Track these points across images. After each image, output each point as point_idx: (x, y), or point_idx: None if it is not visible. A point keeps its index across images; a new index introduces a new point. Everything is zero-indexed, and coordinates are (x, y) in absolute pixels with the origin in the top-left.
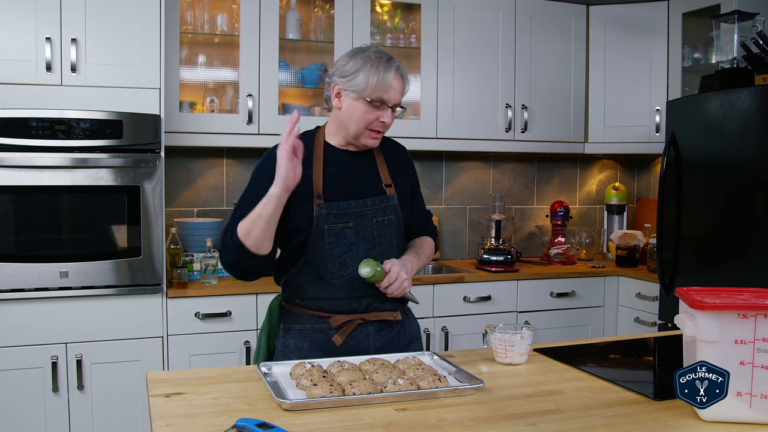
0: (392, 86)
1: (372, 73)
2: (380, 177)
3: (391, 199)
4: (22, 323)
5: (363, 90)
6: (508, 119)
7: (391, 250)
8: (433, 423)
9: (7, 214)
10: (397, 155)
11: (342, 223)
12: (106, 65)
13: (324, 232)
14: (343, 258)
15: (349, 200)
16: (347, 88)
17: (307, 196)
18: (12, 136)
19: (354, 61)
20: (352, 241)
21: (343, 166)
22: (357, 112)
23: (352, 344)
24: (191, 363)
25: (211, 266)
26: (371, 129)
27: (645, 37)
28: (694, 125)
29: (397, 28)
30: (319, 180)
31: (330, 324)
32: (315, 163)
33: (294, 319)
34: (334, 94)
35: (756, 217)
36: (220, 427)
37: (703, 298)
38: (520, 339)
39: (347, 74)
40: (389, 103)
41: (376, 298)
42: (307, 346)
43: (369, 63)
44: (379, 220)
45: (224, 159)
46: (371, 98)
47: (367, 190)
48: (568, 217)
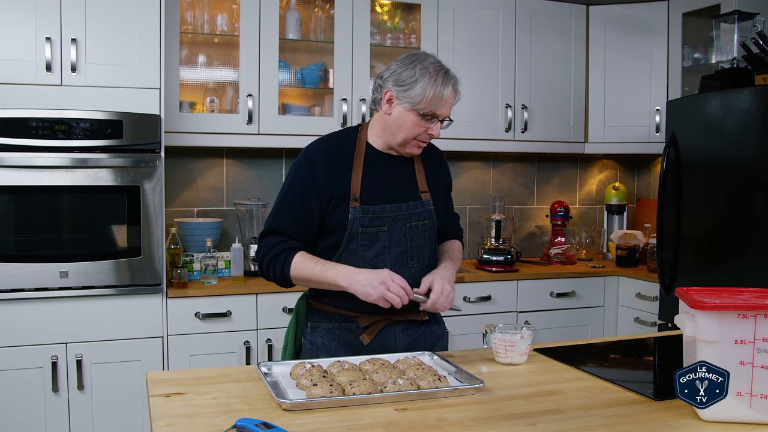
0: (447, 101)
1: (430, 86)
2: (417, 182)
3: (426, 204)
4: (22, 323)
5: (418, 103)
6: (508, 119)
7: (423, 254)
8: (433, 423)
9: (7, 214)
10: (434, 159)
11: (376, 226)
12: (106, 65)
13: (357, 234)
14: (375, 261)
15: (384, 204)
16: (401, 97)
17: (344, 198)
18: (12, 136)
19: (412, 71)
20: (385, 245)
21: (382, 169)
22: (407, 122)
23: (379, 343)
24: (191, 363)
25: (211, 266)
26: (418, 139)
27: (645, 37)
28: (694, 125)
29: (397, 28)
30: (357, 182)
31: (358, 323)
32: (355, 164)
33: (322, 318)
34: (386, 99)
35: (756, 217)
36: (220, 427)
37: (703, 298)
38: (520, 339)
39: (403, 83)
40: (441, 117)
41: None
42: (335, 344)
43: (427, 76)
44: (413, 225)
45: (224, 159)
46: (424, 111)
47: (403, 194)
48: (568, 217)
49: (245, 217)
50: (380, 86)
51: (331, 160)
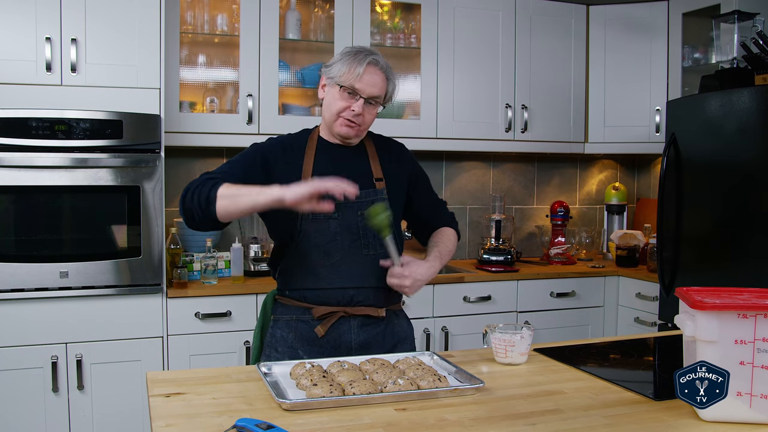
0: (364, 76)
1: (346, 62)
2: (372, 171)
3: (380, 193)
4: (22, 323)
5: (338, 78)
6: (508, 119)
7: (377, 242)
8: (433, 423)
9: (7, 214)
10: (390, 151)
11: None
12: (106, 65)
13: (309, 220)
14: (327, 248)
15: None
16: (327, 76)
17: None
18: (12, 136)
19: (338, 55)
20: (336, 231)
21: (333, 158)
22: (330, 98)
23: (333, 337)
24: (191, 363)
25: (211, 266)
26: (343, 117)
27: (645, 37)
28: (694, 125)
29: (397, 28)
30: (308, 171)
31: (313, 314)
32: (307, 155)
33: (282, 310)
34: (320, 86)
35: (756, 217)
36: (220, 427)
37: (703, 298)
38: (520, 339)
39: (329, 65)
40: (361, 93)
41: (359, 290)
42: (292, 336)
43: (348, 55)
44: (365, 213)
45: (224, 159)
46: (343, 84)
47: (355, 182)
48: (568, 217)
49: (245, 217)
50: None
51: (287, 152)
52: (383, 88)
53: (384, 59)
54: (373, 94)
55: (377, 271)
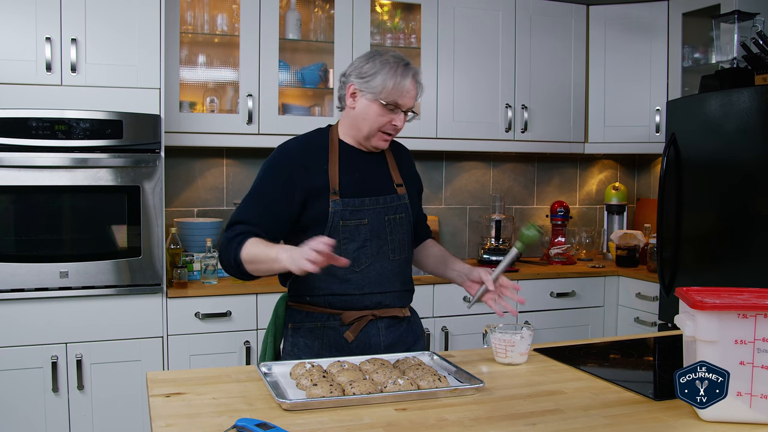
0: (408, 91)
1: (390, 76)
2: (392, 176)
3: (402, 198)
4: (22, 323)
5: (379, 93)
6: (508, 119)
7: (403, 247)
8: (433, 423)
9: (7, 214)
10: (404, 157)
11: (357, 219)
12: (106, 65)
13: (338, 228)
14: (357, 254)
15: (363, 197)
16: (363, 89)
17: (323, 192)
18: (12, 136)
19: (372, 64)
20: (366, 238)
21: (357, 164)
22: (371, 113)
23: (363, 340)
24: (191, 363)
25: (211, 266)
26: (383, 131)
27: (645, 37)
28: (694, 125)
29: (397, 28)
30: (335, 176)
31: (342, 320)
32: (331, 159)
33: (303, 318)
34: (349, 93)
35: (756, 217)
36: (220, 427)
37: (703, 298)
38: (520, 339)
39: (365, 75)
40: (403, 107)
41: (385, 295)
42: (318, 344)
43: (387, 66)
44: (390, 218)
45: (224, 159)
46: (386, 101)
47: (379, 188)
48: (568, 217)
49: None
50: (344, 83)
51: (306, 156)
52: (417, 97)
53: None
54: (412, 106)
55: (401, 274)
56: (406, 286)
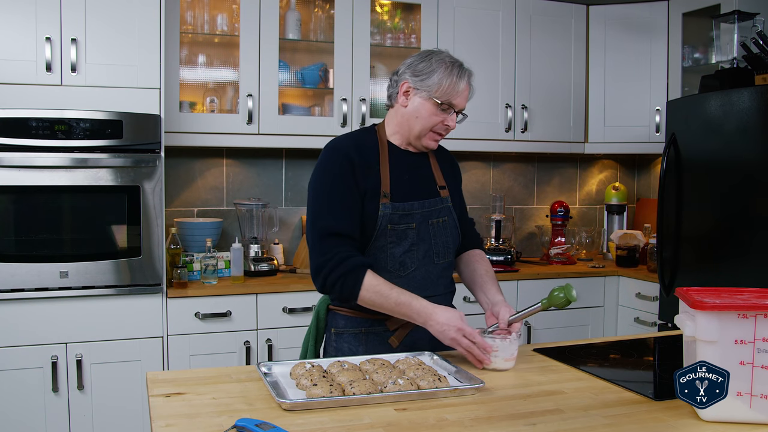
0: (462, 91)
1: (446, 76)
2: (435, 179)
3: (446, 201)
4: (22, 323)
5: (434, 91)
6: (508, 119)
7: (447, 251)
8: (433, 423)
9: (7, 214)
10: (447, 159)
11: (405, 224)
12: (106, 65)
13: (387, 231)
14: (403, 258)
15: (412, 201)
16: (419, 87)
17: (375, 194)
18: (12, 136)
19: (428, 62)
20: (413, 242)
21: (404, 165)
22: (424, 112)
23: (407, 345)
24: (191, 363)
25: (211, 266)
26: (434, 131)
27: (645, 37)
28: (694, 125)
29: (397, 28)
30: (386, 179)
31: (388, 326)
32: (382, 160)
33: (347, 323)
34: (402, 91)
35: (756, 217)
36: (220, 427)
37: (703, 298)
38: (504, 344)
39: (420, 73)
40: (456, 107)
41: (430, 299)
42: (362, 349)
43: (444, 65)
44: (434, 222)
45: (224, 159)
46: (441, 100)
47: (425, 191)
48: (568, 217)
49: (245, 217)
50: (396, 81)
51: (361, 153)
52: (468, 98)
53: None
54: (464, 107)
55: (445, 278)
56: (449, 288)
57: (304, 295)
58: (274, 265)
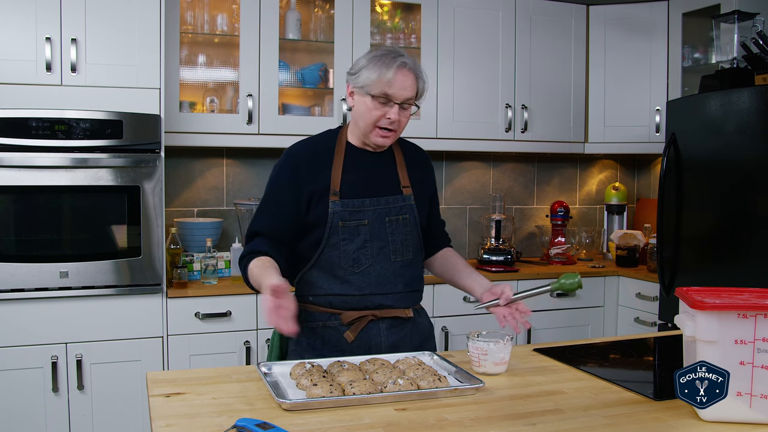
0: (395, 81)
1: (374, 68)
2: (399, 177)
3: (407, 199)
4: (22, 323)
5: (367, 86)
6: (508, 119)
7: (406, 249)
8: (433, 423)
9: (7, 214)
10: (416, 157)
11: (356, 220)
12: (106, 65)
13: (338, 228)
14: (356, 255)
15: (364, 198)
16: (355, 84)
17: (324, 193)
18: (12, 136)
19: (363, 60)
20: (366, 239)
21: (362, 164)
22: (363, 108)
23: (363, 341)
24: (191, 363)
25: (211, 266)
26: (379, 126)
27: (645, 37)
28: (694, 125)
29: (397, 28)
30: (337, 178)
31: (341, 320)
32: (335, 161)
33: (306, 317)
34: (348, 92)
35: (756, 217)
36: (220, 427)
37: (703, 298)
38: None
39: (354, 72)
40: (395, 99)
41: (386, 296)
42: (319, 343)
43: (375, 60)
44: (392, 219)
45: (224, 159)
46: (374, 93)
47: (383, 189)
48: (568, 217)
49: (245, 217)
50: (347, 84)
51: (313, 158)
52: (414, 89)
53: (410, 57)
54: (407, 97)
55: (404, 276)
56: (411, 287)
57: None
58: None
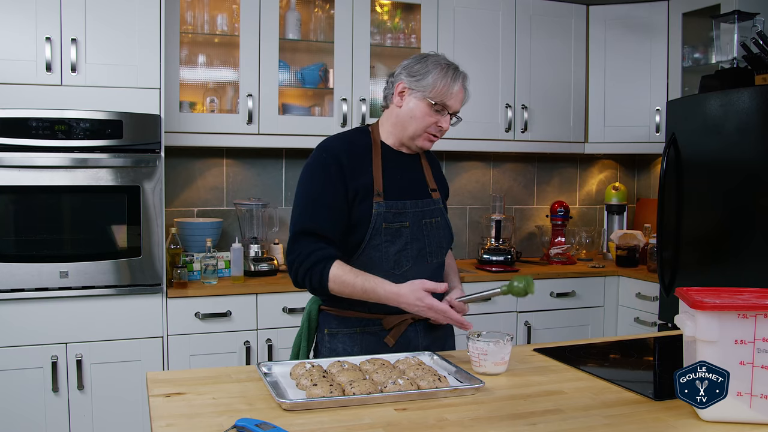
0: (456, 94)
1: (440, 77)
2: (427, 180)
3: (437, 202)
4: (22, 323)
5: (429, 92)
6: (508, 119)
7: (440, 251)
8: (433, 423)
9: (7, 214)
10: (435, 163)
11: (399, 222)
12: (106, 65)
13: (381, 230)
14: (397, 257)
15: (405, 200)
16: (414, 87)
17: (368, 193)
18: (12, 136)
19: (423, 64)
20: (407, 241)
21: (397, 166)
22: (419, 113)
23: (402, 344)
24: (191, 363)
25: (211, 266)
26: (428, 132)
27: (645, 37)
28: (694, 125)
29: (397, 28)
30: (379, 178)
31: (383, 325)
32: (374, 161)
33: (341, 323)
34: (398, 92)
35: (756, 217)
36: (220, 427)
37: (703, 298)
38: (494, 348)
39: (416, 74)
40: (450, 109)
41: None
42: (357, 349)
43: (439, 67)
44: (428, 221)
45: (224, 159)
46: (435, 101)
47: (418, 191)
48: (568, 217)
49: (245, 217)
50: (392, 82)
51: (352, 155)
52: (463, 101)
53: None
54: (458, 110)
55: (438, 277)
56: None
57: (304, 296)
58: (274, 265)
